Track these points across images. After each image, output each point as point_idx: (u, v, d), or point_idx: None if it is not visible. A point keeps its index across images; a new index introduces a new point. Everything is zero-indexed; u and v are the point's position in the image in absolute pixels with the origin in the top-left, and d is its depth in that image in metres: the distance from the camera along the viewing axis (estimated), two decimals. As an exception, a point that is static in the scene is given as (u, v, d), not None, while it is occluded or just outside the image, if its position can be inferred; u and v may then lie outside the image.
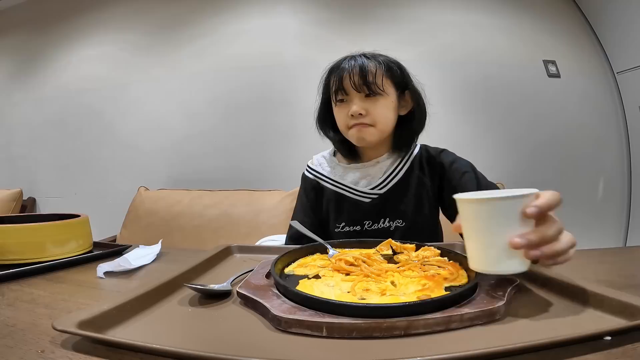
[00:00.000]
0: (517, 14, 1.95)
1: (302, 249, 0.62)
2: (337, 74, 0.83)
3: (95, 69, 2.20)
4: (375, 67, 0.81)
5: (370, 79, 0.80)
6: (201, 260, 0.59)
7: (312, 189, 0.94)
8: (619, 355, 0.31)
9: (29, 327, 0.40)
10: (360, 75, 0.80)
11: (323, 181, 0.92)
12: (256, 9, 2.00)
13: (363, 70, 0.80)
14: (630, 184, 1.94)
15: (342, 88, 0.82)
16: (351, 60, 0.83)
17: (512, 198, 0.37)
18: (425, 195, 0.87)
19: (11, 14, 2.46)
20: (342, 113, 0.84)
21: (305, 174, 0.97)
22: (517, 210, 0.37)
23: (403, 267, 0.53)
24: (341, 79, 0.82)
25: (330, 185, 0.91)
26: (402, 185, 0.87)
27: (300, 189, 0.98)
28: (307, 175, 0.96)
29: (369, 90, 0.80)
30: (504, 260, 0.38)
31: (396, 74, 0.84)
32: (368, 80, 0.80)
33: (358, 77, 0.80)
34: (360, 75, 0.80)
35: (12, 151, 2.39)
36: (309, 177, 0.95)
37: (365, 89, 0.80)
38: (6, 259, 0.65)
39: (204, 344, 0.34)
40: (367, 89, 0.80)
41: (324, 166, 0.95)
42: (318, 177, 0.94)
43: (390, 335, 0.35)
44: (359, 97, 0.81)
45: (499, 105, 1.90)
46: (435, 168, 0.89)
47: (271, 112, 1.95)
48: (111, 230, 1.81)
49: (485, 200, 0.38)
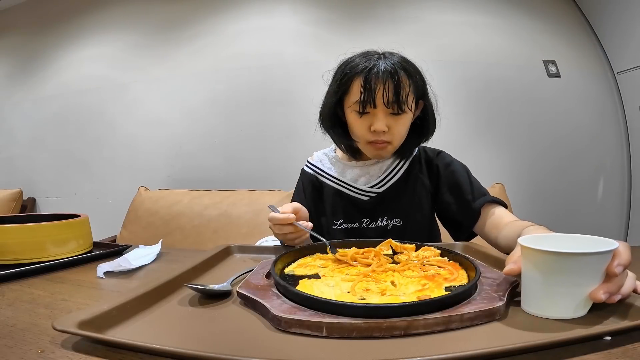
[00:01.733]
0: (517, 14, 1.95)
1: (302, 249, 0.62)
2: (367, 82, 0.75)
3: (95, 69, 2.20)
4: (408, 83, 0.76)
5: (403, 98, 0.75)
6: (201, 260, 0.59)
7: (310, 184, 0.93)
8: (619, 355, 0.31)
9: (29, 327, 0.40)
10: (394, 92, 0.75)
11: (322, 177, 0.92)
12: (256, 9, 2.00)
13: (398, 87, 0.74)
14: (630, 183, 1.94)
15: (372, 102, 0.75)
16: (382, 68, 0.75)
17: (600, 254, 0.37)
18: (423, 195, 0.88)
19: (11, 14, 2.46)
20: (363, 125, 0.79)
21: (304, 169, 0.96)
22: (603, 264, 0.37)
23: (403, 267, 0.53)
24: (373, 91, 0.75)
25: (329, 182, 0.90)
26: (401, 185, 0.87)
27: (299, 183, 0.96)
28: (306, 170, 0.95)
29: (399, 109, 0.76)
30: (575, 307, 0.38)
31: (419, 87, 0.80)
32: (401, 99, 0.75)
33: (392, 93, 0.75)
34: (395, 92, 0.75)
35: (12, 151, 2.39)
36: (308, 172, 0.94)
37: (395, 108, 0.76)
38: (6, 259, 0.65)
39: (204, 344, 0.34)
40: (398, 107, 0.76)
41: (324, 162, 0.94)
42: (317, 173, 0.93)
43: (390, 335, 0.35)
44: (385, 112, 0.77)
45: (499, 105, 1.90)
46: (432, 169, 0.89)
47: (271, 112, 1.95)
48: (111, 230, 1.81)
49: (574, 255, 0.37)
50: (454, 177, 0.86)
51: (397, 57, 0.78)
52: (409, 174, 0.88)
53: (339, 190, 0.89)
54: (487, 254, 0.60)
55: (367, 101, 0.75)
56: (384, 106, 0.76)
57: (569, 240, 0.42)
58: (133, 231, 1.71)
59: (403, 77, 0.76)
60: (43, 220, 0.72)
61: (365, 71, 0.76)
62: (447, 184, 0.86)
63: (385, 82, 0.74)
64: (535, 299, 0.40)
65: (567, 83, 1.92)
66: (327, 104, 0.86)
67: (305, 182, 0.94)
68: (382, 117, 0.77)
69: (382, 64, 0.76)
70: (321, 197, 0.91)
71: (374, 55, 0.79)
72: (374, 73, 0.75)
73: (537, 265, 0.38)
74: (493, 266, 0.55)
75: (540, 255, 0.38)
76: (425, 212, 0.88)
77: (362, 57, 0.79)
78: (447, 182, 0.87)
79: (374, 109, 0.77)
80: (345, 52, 0.84)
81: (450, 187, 0.86)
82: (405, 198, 0.87)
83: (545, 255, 0.38)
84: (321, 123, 0.88)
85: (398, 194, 0.86)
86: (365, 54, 0.80)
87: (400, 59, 0.78)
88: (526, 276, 0.40)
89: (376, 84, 0.75)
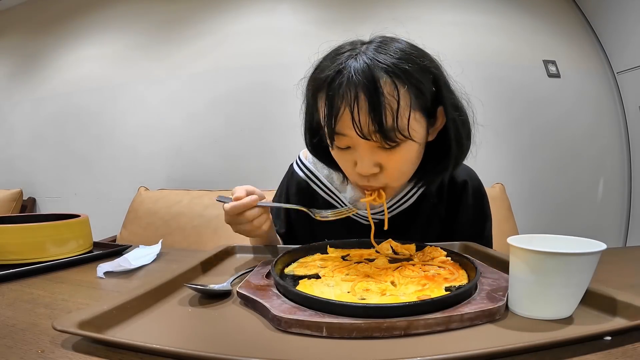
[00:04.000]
0: (517, 14, 1.95)
1: (302, 249, 0.61)
2: (330, 104, 0.50)
3: (95, 69, 2.20)
4: (396, 94, 0.48)
5: (390, 123, 0.49)
6: (201, 260, 0.59)
7: (298, 192, 0.74)
8: (619, 355, 0.31)
9: (29, 327, 0.40)
10: (372, 118, 0.48)
11: (315, 184, 0.73)
12: (256, 9, 2.00)
13: (377, 106, 0.47)
14: (630, 184, 1.94)
15: (333, 132, 0.52)
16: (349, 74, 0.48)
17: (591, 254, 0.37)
18: (436, 224, 0.71)
19: (11, 14, 2.46)
20: (347, 162, 0.57)
21: (294, 169, 0.76)
22: (593, 265, 0.37)
23: (403, 267, 0.53)
24: (336, 117, 0.49)
25: (323, 193, 0.73)
26: (411, 213, 0.69)
27: (282, 186, 0.78)
28: (296, 172, 0.76)
29: (385, 140, 0.50)
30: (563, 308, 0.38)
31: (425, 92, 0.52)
32: (386, 127, 0.49)
33: (366, 117, 0.48)
34: (373, 118, 0.48)
35: (12, 151, 2.39)
36: (299, 174, 0.75)
37: (378, 138, 0.50)
38: (6, 259, 0.65)
39: (204, 344, 0.34)
40: (384, 138, 0.50)
41: (318, 167, 0.74)
42: (310, 178, 0.74)
43: (390, 335, 0.35)
44: (369, 145, 0.53)
45: (499, 106, 1.90)
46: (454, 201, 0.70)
47: (271, 112, 1.94)
48: (111, 230, 1.81)
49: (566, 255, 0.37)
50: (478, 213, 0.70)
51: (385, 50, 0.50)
52: (423, 201, 0.69)
53: (333, 206, 0.72)
54: (487, 254, 0.60)
55: (332, 132, 0.51)
56: (360, 138, 0.50)
57: (556, 241, 0.42)
58: (133, 231, 1.71)
59: (386, 84, 0.48)
60: (43, 220, 0.72)
61: (326, 84, 0.50)
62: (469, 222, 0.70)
63: (353, 102, 0.48)
64: (522, 299, 0.40)
65: (567, 83, 1.92)
66: (304, 131, 0.65)
67: (292, 188, 0.75)
68: (367, 155, 0.53)
69: (353, 65, 0.49)
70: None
71: (354, 48, 0.52)
72: (335, 87, 0.49)
73: (527, 265, 0.38)
74: (493, 266, 0.55)
75: (531, 255, 0.38)
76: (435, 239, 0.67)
77: (332, 55, 0.53)
78: (469, 218, 0.70)
79: (350, 140, 0.53)
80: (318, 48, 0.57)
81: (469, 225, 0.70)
82: (415, 228, 0.70)
83: (535, 255, 0.38)
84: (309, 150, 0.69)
85: (405, 223, 0.69)
86: (339, 48, 0.54)
87: (390, 51, 0.50)
88: (514, 276, 0.40)
89: (339, 105, 0.49)
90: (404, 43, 0.54)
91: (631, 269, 0.62)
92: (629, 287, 0.51)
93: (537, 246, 0.38)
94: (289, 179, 0.78)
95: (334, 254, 0.61)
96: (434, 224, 0.71)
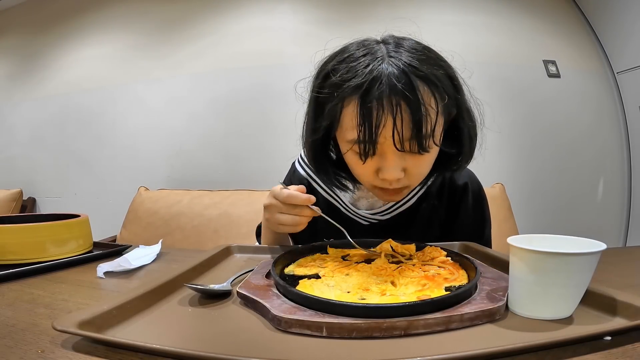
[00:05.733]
0: (517, 14, 1.95)
1: (302, 249, 0.61)
2: (366, 114, 0.49)
3: (95, 69, 2.20)
4: (434, 101, 0.50)
5: (428, 131, 0.50)
6: (201, 260, 0.59)
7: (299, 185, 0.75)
8: (619, 355, 0.31)
9: (29, 327, 0.40)
10: (414, 125, 0.49)
11: (316, 183, 0.75)
12: (256, 9, 2.00)
13: (418, 115, 0.48)
14: (630, 184, 1.94)
15: (375, 142, 0.51)
16: (387, 82, 0.48)
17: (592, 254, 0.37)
18: (436, 226, 0.72)
19: (11, 14, 2.46)
20: (368, 170, 0.56)
21: (296, 168, 0.78)
22: (593, 265, 0.37)
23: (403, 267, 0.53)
24: (375, 127, 0.49)
25: (323, 192, 0.73)
26: (410, 214, 0.70)
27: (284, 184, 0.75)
28: (297, 170, 0.77)
29: (420, 149, 0.51)
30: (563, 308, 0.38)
31: (450, 98, 0.53)
32: (424, 134, 0.49)
33: (410, 130, 0.49)
34: (414, 125, 0.48)
35: (12, 151, 2.39)
36: (300, 172, 0.76)
37: (415, 147, 0.51)
38: (6, 259, 0.65)
39: (204, 344, 0.34)
40: (419, 147, 0.51)
41: None
42: (311, 177, 0.75)
43: (390, 335, 0.35)
44: (399, 154, 0.53)
45: (499, 105, 1.90)
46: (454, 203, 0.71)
47: (271, 112, 1.94)
48: (111, 230, 1.81)
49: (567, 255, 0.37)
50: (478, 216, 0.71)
51: (409, 53, 0.50)
52: (423, 202, 0.70)
53: (333, 205, 0.72)
54: (487, 254, 0.60)
55: (368, 142, 0.51)
56: (395, 149, 0.51)
57: (556, 241, 0.42)
58: (133, 231, 1.71)
59: (425, 93, 0.49)
60: (43, 220, 0.72)
61: (361, 92, 0.49)
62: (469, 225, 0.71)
63: (396, 112, 0.48)
64: (522, 299, 0.40)
65: (567, 83, 1.92)
66: (309, 135, 0.61)
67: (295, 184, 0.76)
68: (395, 162, 0.53)
69: (386, 71, 0.48)
70: None
71: (372, 51, 0.51)
72: (374, 96, 0.48)
73: (527, 265, 0.38)
74: (493, 266, 0.55)
75: (531, 255, 0.38)
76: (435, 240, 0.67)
77: (352, 59, 0.52)
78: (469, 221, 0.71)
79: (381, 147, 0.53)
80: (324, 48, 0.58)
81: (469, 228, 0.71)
82: (414, 229, 0.70)
83: (535, 255, 0.38)
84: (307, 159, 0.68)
85: (404, 225, 0.70)
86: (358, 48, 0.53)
87: (415, 55, 0.50)
88: (514, 276, 0.40)
89: (381, 116, 0.48)
90: (416, 43, 0.54)
91: (631, 269, 0.62)
92: (629, 287, 0.51)
93: (537, 246, 0.38)
94: (291, 176, 0.79)
95: (334, 254, 0.61)
96: (433, 225, 0.71)
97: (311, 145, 0.62)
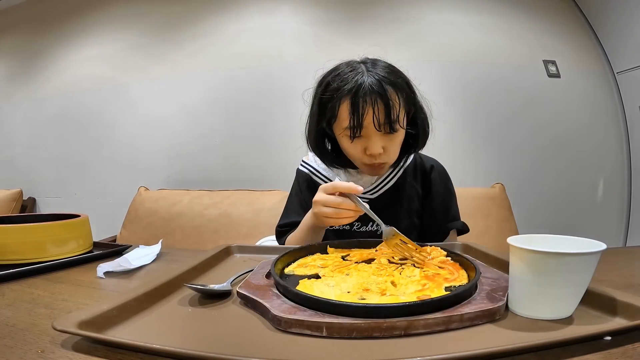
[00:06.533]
0: (517, 14, 1.95)
1: (302, 249, 0.62)
2: (355, 107, 0.71)
3: (95, 69, 2.20)
4: (398, 99, 0.73)
5: (394, 117, 0.72)
6: (201, 260, 0.59)
7: (305, 182, 0.93)
8: (619, 355, 0.31)
9: (29, 327, 0.40)
10: (385, 114, 0.71)
11: (316, 177, 0.91)
12: (256, 9, 2.00)
13: (388, 107, 0.71)
14: (630, 184, 1.94)
15: (361, 126, 0.72)
16: (368, 86, 0.71)
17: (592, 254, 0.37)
18: (414, 202, 0.89)
19: (11, 14, 2.46)
20: (357, 148, 0.77)
21: (299, 169, 0.96)
22: (593, 265, 0.37)
23: (403, 267, 0.53)
24: (361, 116, 0.71)
25: (323, 182, 0.88)
26: (393, 192, 0.87)
27: (295, 184, 0.97)
28: (301, 170, 0.95)
29: (391, 130, 0.73)
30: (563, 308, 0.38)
31: (409, 99, 0.77)
32: (392, 120, 0.72)
33: (384, 116, 0.71)
34: (386, 113, 0.71)
35: (12, 151, 2.39)
36: (304, 171, 0.94)
37: (387, 128, 0.73)
38: (6, 259, 0.65)
39: (204, 344, 0.34)
40: (390, 128, 0.73)
41: (319, 163, 0.92)
42: (312, 172, 0.92)
43: (390, 335, 0.35)
44: (378, 134, 0.74)
45: (499, 106, 1.90)
46: (426, 181, 0.91)
47: (271, 111, 1.95)
48: (111, 230, 1.81)
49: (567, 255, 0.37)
50: (446, 193, 0.91)
51: (381, 69, 0.74)
52: (403, 182, 0.89)
53: None
54: (487, 254, 0.60)
55: (356, 127, 0.72)
56: (375, 129, 0.73)
57: (556, 241, 0.42)
58: (133, 231, 1.71)
59: (392, 93, 0.72)
60: (43, 220, 0.72)
61: (352, 94, 0.72)
62: (439, 196, 0.90)
63: (375, 104, 0.71)
64: (522, 299, 0.40)
65: (567, 83, 1.92)
66: (312, 131, 0.83)
67: (301, 181, 0.94)
68: (377, 140, 0.74)
69: (367, 80, 0.72)
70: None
71: (356, 68, 0.75)
72: (360, 95, 0.71)
73: (527, 265, 0.38)
74: (493, 266, 0.55)
75: (531, 255, 0.38)
76: (415, 219, 0.89)
77: (342, 75, 0.75)
78: (439, 194, 0.90)
79: (365, 131, 0.74)
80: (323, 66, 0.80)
81: (440, 199, 0.90)
82: (397, 205, 0.87)
83: (535, 255, 0.38)
84: (310, 147, 0.87)
85: (390, 201, 0.87)
86: (345, 70, 0.76)
87: (385, 70, 0.74)
88: (514, 276, 0.40)
89: (364, 107, 0.71)
90: (386, 63, 0.77)
91: (631, 269, 0.62)
92: (629, 287, 0.51)
93: (537, 246, 0.38)
94: (298, 178, 0.96)
95: (334, 254, 0.61)
96: (413, 200, 0.89)
97: (315, 135, 0.83)
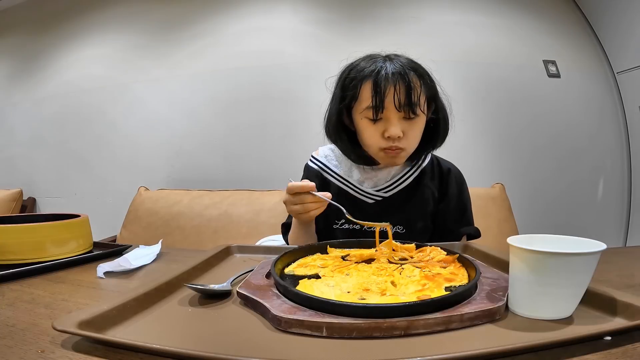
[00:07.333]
0: (517, 14, 1.95)
1: (302, 249, 0.62)
2: (377, 85, 0.72)
3: (96, 69, 2.20)
4: (419, 84, 0.74)
5: (415, 99, 0.72)
6: (201, 260, 0.59)
7: (315, 179, 0.88)
8: (619, 355, 0.31)
9: (29, 327, 0.40)
10: (406, 94, 0.71)
11: (327, 174, 0.88)
12: (256, 9, 2.00)
13: (409, 89, 0.71)
14: (630, 184, 1.94)
15: (382, 106, 0.72)
16: (390, 70, 0.73)
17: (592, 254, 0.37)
18: (430, 204, 0.86)
19: (11, 14, 2.46)
20: (376, 132, 0.76)
21: (308, 164, 0.93)
22: (593, 264, 0.38)
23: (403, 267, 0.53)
24: (383, 94, 0.72)
25: (334, 180, 0.87)
26: (408, 192, 0.84)
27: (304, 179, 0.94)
28: (310, 166, 0.92)
29: (412, 113, 0.73)
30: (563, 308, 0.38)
31: (430, 87, 0.77)
32: (413, 102, 0.72)
33: (404, 96, 0.71)
34: (407, 94, 0.71)
35: (12, 151, 2.39)
36: (313, 167, 0.91)
37: (407, 111, 0.73)
38: (6, 259, 0.65)
39: (204, 344, 0.34)
40: (411, 111, 0.73)
41: (330, 159, 0.91)
42: (322, 169, 0.89)
43: (390, 335, 0.35)
44: (399, 117, 0.74)
45: (499, 105, 1.90)
46: (443, 183, 0.88)
47: (271, 111, 1.95)
48: (111, 230, 1.81)
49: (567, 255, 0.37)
50: (462, 198, 0.88)
51: (403, 59, 0.77)
52: (419, 182, 0.86)
53: (343, 190, 0.86)
54: (487, 254, 0.60)
55: (378, 106, 0.72)
56: (396, 110, 0.73)
57: (556, 241, 0.42)
58: (133, 231, 1.71)
59: (413, 77, 0.73)
60: (43, 220, 0.72)
61: (374, 74, 0.73)
62: (454, 199, 0.87)
63: (396, 84, 0.71)
64: (522, 299, 0.40)
65: (567, 83, 1.92)
66: (333, 113, 0.82)
67: (312, 178, 0.90)
68: (397, 122, 0.74)
69: (389, 66, 0.74)
70: None
71: (378, 58, 0.77)
72: (382, 75, 0.72)
73: (527, 265, 0.38)
74: (493, 266, 0.55)
75: (531, 255, 0.38)
76: (429, 222, 0.86)
77: (367, 60, 0.77)
78: (454, 197, 0.87)
79: (386, 113, 0.74)
80: (347, 57, 0.82)
81: (455, 202, 0.87)
82: (411, 205, 0.84)
83: (535, 255, 0.38)
84: (328, 134, 0.85)
85: (404, 201, 0.84)
86: (369, 57, 0.78)
87: (407, 60, 0.77)
88: (514, 276, 0.40)
89: (386, 86, 0.72)
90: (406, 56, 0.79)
91: (631, 269, 0.62)
92: (629, 287, 0.51)
93: (537, 246, 0.38)
94: (307, 174, 0.92)
95: (334, 254, 0.61)
96: (428, 201, 0.86)
97: (335, 122, 0.82)
